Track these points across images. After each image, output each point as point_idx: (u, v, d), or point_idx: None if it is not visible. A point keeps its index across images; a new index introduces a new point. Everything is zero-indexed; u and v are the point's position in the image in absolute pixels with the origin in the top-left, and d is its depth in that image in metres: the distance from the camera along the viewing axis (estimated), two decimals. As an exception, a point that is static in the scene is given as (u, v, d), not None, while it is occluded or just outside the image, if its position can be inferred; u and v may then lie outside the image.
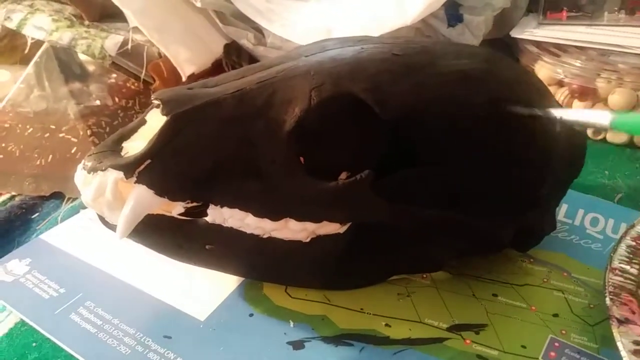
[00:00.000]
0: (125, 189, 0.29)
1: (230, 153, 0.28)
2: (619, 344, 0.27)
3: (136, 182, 0.28)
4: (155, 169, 0.28)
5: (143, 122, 0.32)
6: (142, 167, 0.28)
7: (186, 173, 0.28)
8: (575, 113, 0.26)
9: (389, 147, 0.28)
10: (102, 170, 0.28)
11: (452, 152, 0.29)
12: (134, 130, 0.32)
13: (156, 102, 0.29)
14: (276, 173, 0.28)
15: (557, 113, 0.26)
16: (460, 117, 0.28)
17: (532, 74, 0.36)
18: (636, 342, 0.28)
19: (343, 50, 0.30)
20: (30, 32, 0.52)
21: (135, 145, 0.31)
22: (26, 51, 0.53)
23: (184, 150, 0.28)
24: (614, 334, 0.28)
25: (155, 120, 0.31)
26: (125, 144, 0.31)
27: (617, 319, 0.29)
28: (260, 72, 0.30)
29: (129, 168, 0.28)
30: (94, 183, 0.29)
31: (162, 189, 0.28)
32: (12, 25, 0.53)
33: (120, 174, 0.28)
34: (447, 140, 0.28)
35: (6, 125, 0.47)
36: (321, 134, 0.28)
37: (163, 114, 0.28)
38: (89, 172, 0.29)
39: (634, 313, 0.29)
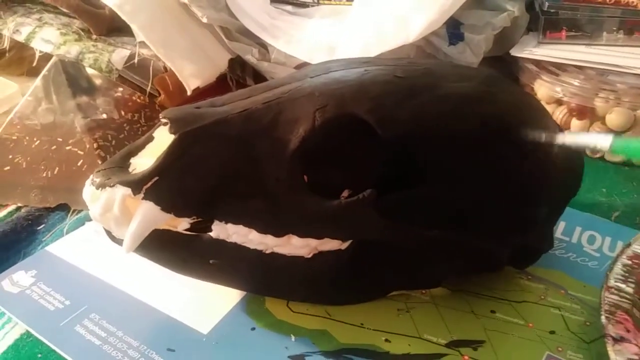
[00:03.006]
0: (133, 205, 0.29)
1: (235, 171, 0.29)
2: (614, 362, 0.28)
3: (143, 198, 0.29)
4: (162, 186, 0.28)
5: (150, 139, 0.33)
6: (149, 184, 0.28)
7: (192, 190, 0.29)
8: (577, 137, 0.26)
9: (390, 168, 0.29)
10: (110, 187, 0.29)
11: (451, 173, 0.29)
12: (141, 147, 0.33)
13: (164, 120, 0.29)
14: (280, 191, 0.29)
15: (559, 138, 0.27)
16: (459, 139, 0.29)
17: (531, 96, 0.37)
18: (631, 361, 0.28)
19: (347, 72, 0.31)
20: (39, 45, 0.53)
21: (143, 161, 0.31)
22: (34, 64, 0.54)
23: (191, 167, 0.29)
24: (609, 352, 0.29)
25: (162, 138, 0.31)
26: (132, 160, 0.32)
27: (612, 337, 0.29)
28: (266, 92, 0.31)
29: (136, 185, 0.28)
30: (102, 199, 0.30)
31: (169, 206, 0.29)
32: (20, 38, 0.54)
33: (128, 190, 0.29)
34: (446, 162, 0.29)
35: (14, 137, 0.48)
36: (324, 154, 0.29)
37: (171, 132, 0.29)
38: (97, 188, 0.30)
39: (628, 331, 0.30)
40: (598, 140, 0.23)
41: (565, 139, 0.27)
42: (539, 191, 0.32)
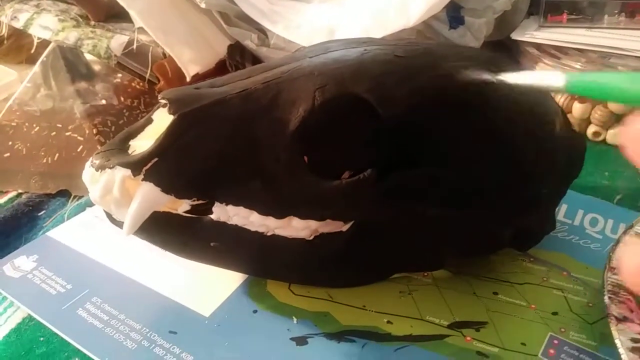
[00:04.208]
0: (133, 187, 0.29)
1: (235, 152, 0.29)
2: (617, 342, 0.28)
3: (143, 179, 0.28)
4: (162, 167, 0.28)
5: (150, 121, 0.33)
6: (149, 165, 0.28)
7: (192, 171, 0.29)
8: (529, 76, 0.25)
9: (391, 147, 0.29)
10: (110, 168, 0.29)
11: (452, 152, 0.29)
12: (140, 129, 0.33)
13: (163, 101, 0.29)
14: (280, 172, 0.29)
15: (511, 78, 0.26)
16: (460, 118, 0.29)
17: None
18: (634, 340, 0.28)
19: (346, 52, 0.30)
20: (37, 32, 0.53)
21: (142, 143, 0.31)
22: (32, 50, 0.54)
23: (191, 148, 0.28)
24: (613, 331, 0.28)
25: (161, 119, 0.31)
26: (132, 143, 0.32)
27: (615, 317, 0.29)
28: (266, 72, 0.31)
29: (136, 166, 0.28)
30: (102, 181, 0.29)
31: (169, 187, 0.29)
32: (18, 24, 0.54)
33: (128, 172, 0.28)
34: (447, 141, 0.29)
35: (13, 123, 0.48)
36: (325, 134, 0.29)
37: (170, 113, 0.29)
38: (97, 170, 0.30)
39: (632, 311, 0.30)
40: (551, 79, 0.22)
41: (518, 79, 0.25)
42: (541, 171, 0.32)
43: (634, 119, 0.16)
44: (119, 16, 0.56)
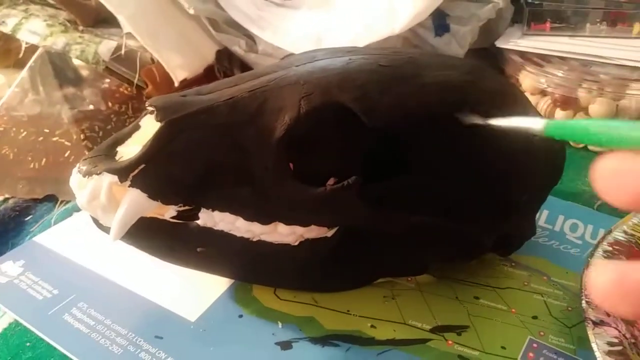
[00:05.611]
0: (120, 193, 0.29)
1: (222, 159, 0.29)
2: (594, 345, 0.28)
3: (130, 185, 0.29)
4: (149, 173, 0.29)
5: (137, 127, 0.33)
6: (136, 171, 0.28)
7: (179, 178, 0.29)
8: (512, 122, 0.26)
9: (375, 155, 0.29)
10: (97, 174, 0.29)
11: (435, 161, 0.30)
12: (128, 135, 0.33)
13: (150, 108, 0.29)
14: (266, 179, 0.29)
15: (495, 122, 0.27)
16: (442, 126, 0.29)
17: (515, 86, 0.37)
18: (610, 343, 0.29)
19: (332, 61, 0.31)
20: (25, 37, 0.53)
21: (129, 150, 0.31)
22: (20, 55, 0.54)
23: (178, 155, 0.29)
24: (589, 335, 0.29)
25: (149, 126, 0.31)
26: (119, 149, 0.32)
27: (592, 321, 0.30)
28: (252, 80, 0.31)
29: (123, 172, 0.29)
30: (89, 186, 0.30)
31: (156, 193, 0.29)
32: (6, 29, 0.54)
33: (115, 178, 0.29)
34: (430, 149, 0.29)
35: (0, 128, 0.48)
36: (310, 142, 0.29)
37: (157, 120, 0.29)
38: (84, 176, 0.30)
39: (609, 315, 0.30)
40: (531, 124, 0.23)
41: (502, 123, 0.27)
42: (522, 178, 0.32)
43: (605, 157, 0.17)
44: (108, 21, 0.56)
